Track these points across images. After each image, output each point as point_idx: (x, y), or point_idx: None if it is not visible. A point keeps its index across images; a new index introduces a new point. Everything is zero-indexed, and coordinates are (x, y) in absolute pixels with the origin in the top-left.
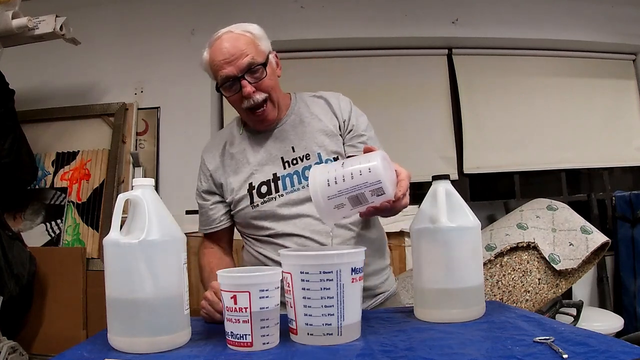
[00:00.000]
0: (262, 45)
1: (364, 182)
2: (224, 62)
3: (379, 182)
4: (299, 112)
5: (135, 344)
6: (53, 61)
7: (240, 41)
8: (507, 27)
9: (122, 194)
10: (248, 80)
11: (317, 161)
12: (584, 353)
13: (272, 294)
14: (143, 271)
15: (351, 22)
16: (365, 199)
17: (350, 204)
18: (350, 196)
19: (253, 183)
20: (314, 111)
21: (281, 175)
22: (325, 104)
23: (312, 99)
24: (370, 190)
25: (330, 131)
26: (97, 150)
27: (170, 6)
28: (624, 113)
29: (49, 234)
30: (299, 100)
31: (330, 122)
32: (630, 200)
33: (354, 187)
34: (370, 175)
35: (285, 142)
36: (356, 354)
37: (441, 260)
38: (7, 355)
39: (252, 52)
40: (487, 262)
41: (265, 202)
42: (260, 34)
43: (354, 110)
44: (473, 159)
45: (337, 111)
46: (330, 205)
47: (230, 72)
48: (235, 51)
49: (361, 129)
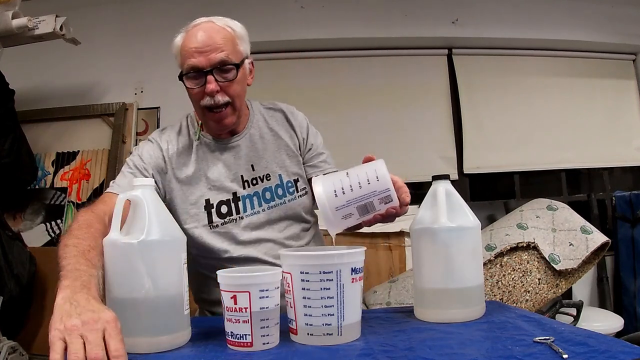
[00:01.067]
0: (240, 46)
1: (372, 190)
2: (196, 50)
3: (387, 190)
4: (258, 125)
5: (135, 344)
6: (53, 61)
7: (219, 34)
8: (507, 27)
9: (122, 194)
10: (215, 77)
11: (277, 183)
12: (584, 353)
13: (272, 294)
14: (143, 271)
15: (351, 22)
16: (374, 207)
17: (358, 213)
18: (358, 205)
19: (211, 200)
20: (273, 126)
21: (241, 196)
22: (283, 118)
23: (269, 112)
24: (379, 198)
25: (290, 150)
26: (97, 150)
27: (170, 6)
28: (624, 113)
29: (49, 234)
30: (255, 111)
31: (291, 140)
32: (630, 200)
33: (362, 196)
34: (379, 184)
35: (244, 159)
36: (356, 354)
37: (441, 260)
38: (7, 355)
39: (229, 49)
40: (487, 262)
41: (226, 224)
42: (242, 34)
43: (310, 128)
44: (473, 159)
45: (297, 128)
46: (339, 216)
47: (199, 63)
48: (210, 42)
49: (320, 148)
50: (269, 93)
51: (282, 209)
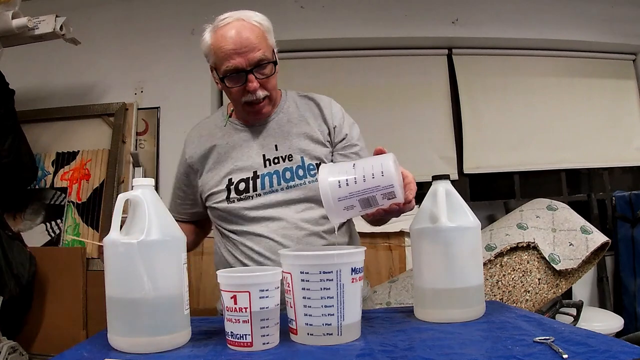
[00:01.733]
0: (270, 40)
1: (376, 185)
2: (234, 52)
3: (391, 186)
4: (288, 111)
5: (136, 344)
6: (53, 61)
7: (253, 33)
8: (507, 27)
9: (122, 194)
10: (255, 76)
11: (299, 164)
12: (584, 353)
13: (272, 294)
14: (143, 271)
15: (351, 22)
16: (376, 201)
17: (360, 206)
18: (361, 199)
19: (233, 179)
20: (304, 113)
21: (261, 174)
22: (316, 107)
23: (302, 100)
24: (382, 193)
25: (316, 137)
26: (97, 150)
27: (170, 6)
28: (624, 113)
29: (49, 234)
30: (289, 98)
31: (319, 128)
32: (630, 200)
33: (365, 190)
34: (383, 179)
35: (269, 139)
36: (356, 354)
37: (441, 260)
38: (7, 355)
39: (263, 46)
40: (487, 262)
41: (241, 200)
42: (269, 27)
43: (346, 118)
44: (473, 159)
45: (328, 117)
46: (340, 207)
47: (240, 64)
48: (247, 43)
49: (355, 139)
50: None
51: (302, 190)
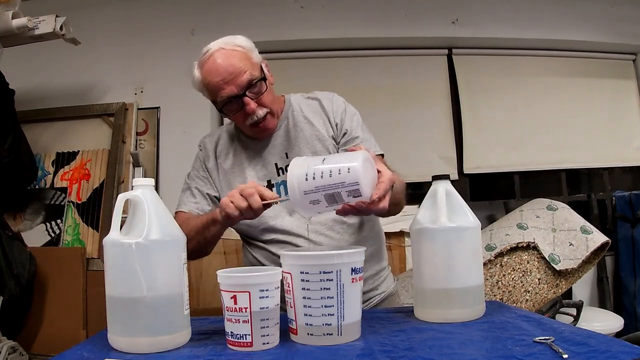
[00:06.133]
0: (254, 58)
1: (341, 181)
2: (222, 82)
3: (356, 184)
4: (293, 115)
5: (136, 344)
6: (53, 61)
7: (235, 58)
8: (507, 27)
9: (122, 194)
10: (250, 97)
11: None
12: (584, 353)
13: (272, 294)
14: (143, 271)
15: (351, 22)
16: (341, 198)
17: (326, 202)
18: (326, 194)
19: None
20: (307, 115)
21: (275, 183)
22: (318, 106)
23: (306, 101)
24: (347, 190)
25: (322, 136)
26: (97, 150)
27: (170, 6)
28: (624, 113)
29: (49, 234)
30: (293, 102)
31: (323, 126)
32: (630, 200)
33: (330, 185)
34: (349, 176)
35: (279, 148)
36: (356, 354)
37: (441, 260)
38: (7, 355)
39: (249, 67)
40: (487, 262)
41: None
42: (250, 46)
43: (347, 112)
44: (473, 159)
45: (330, 114)
46: (306, 200)
47: (231, 92)
48: (232, 69)
49: (355, 132)
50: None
51: None
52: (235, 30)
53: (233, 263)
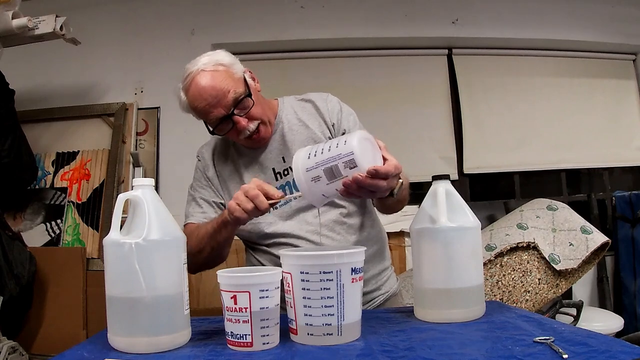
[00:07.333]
0: (236, 73)
1: (338, 153)
2: (209, 106)
3: (351, 154)
4: (287, 119)
5: (135, 344)
6: (53, 61)
7: (217, 79)
8: (507, 27)
9: (122, 194)
10: (238, 115)
11: None
12: (584, 353)
13: (272, 294)
14: (143, 271)
15: (351, 22)
16: (339, 171)
17: (326, 177)
18: (325, 168)
19: None
20: (302, 117)
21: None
22: (313, 108)
23: (299, 104)
24: (344, 162)
25: (318, 138)
26: (97, 150)
27: (170, 6)
28: (624, 113)
29: (49, 234)
30: (286, 106)
31: (319, 128)
32: (630, 200)
33: (328, 158)
34: (345, 147)
35: (275, 153)
36: (356, 354)
37: (441, 260)
38: (7, 355)
39: (232, 85)
40: (487, 262)
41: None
42: (230, 61)
43: (343, 111)
44: (473, 159)
45: (326, 115)
46: (308, 178)
47: (219, 114)
48: (215, 92)
49: (352, 130)
50: (268, 93)
51: None
52: (236, 30)
53: (233, 263)
